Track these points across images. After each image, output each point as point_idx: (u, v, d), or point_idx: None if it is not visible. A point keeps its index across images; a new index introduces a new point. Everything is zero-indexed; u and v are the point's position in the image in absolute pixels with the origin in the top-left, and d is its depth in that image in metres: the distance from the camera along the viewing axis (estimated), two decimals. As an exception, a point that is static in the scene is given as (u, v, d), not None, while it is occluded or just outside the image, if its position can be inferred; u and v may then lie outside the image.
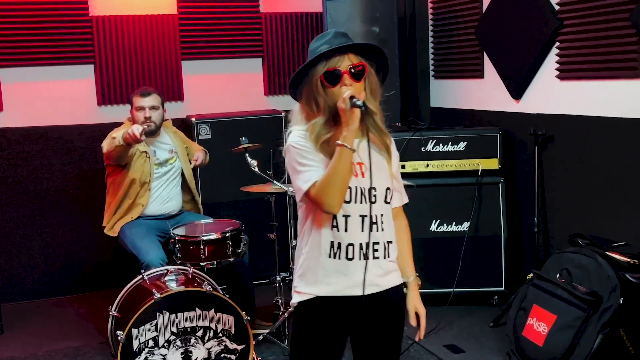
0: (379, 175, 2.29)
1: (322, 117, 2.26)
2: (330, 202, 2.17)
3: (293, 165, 2.27)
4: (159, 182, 4.33)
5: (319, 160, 2.24)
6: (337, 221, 2.27)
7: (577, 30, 4.08)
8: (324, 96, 2.24)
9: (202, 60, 5.52)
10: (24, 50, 5.00)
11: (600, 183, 4.03)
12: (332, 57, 2.24)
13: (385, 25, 5.19)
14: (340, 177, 2.16)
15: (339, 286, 2.29)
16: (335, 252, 2.28)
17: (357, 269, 2.28)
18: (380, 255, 2.33)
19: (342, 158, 2.15)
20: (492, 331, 4.27)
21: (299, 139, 2.27)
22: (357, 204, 2.27)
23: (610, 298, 3.38)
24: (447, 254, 4.61)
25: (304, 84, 2.30)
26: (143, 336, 3.35)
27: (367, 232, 2.28)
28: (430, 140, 4.66)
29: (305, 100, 2.31)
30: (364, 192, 2.28)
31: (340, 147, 2.15)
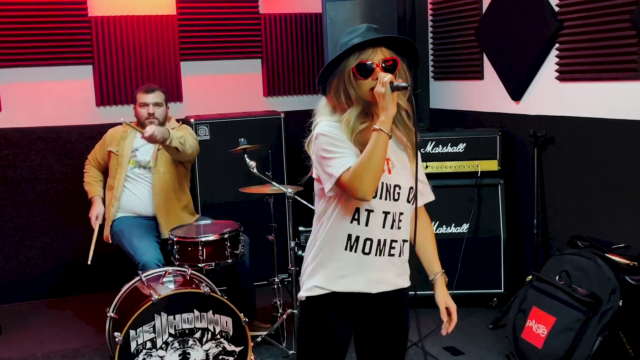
0: (404, 173, 2.30)
1: (355, 109, 2.24)
2: (365, 187, 2.13)
3: (322, 154, 2.23)
4: (138, 182, 4.32)
5: (351, 150, 2.21)
6: (359, 214, 2.26)
7: (577, 31, 4.07)
8: (356, 88, 2.23)
9: (201, 61, 5.52)
10: (23, 50, 4.99)
11: (600, 185, 4.02)
12: (365, 50, 2.23)
13: (385, 26, 5.17)
14: (376, 162, 2.13)
15: (353, 282, 2.29)
16: (353, 245, 2.27)
17: (372, 265, 2.29)
18: (396, 254, 2.35)
19: (379, 142, 2.12)
20: (492, 333, 4.26)
21: (330, 128, 2.25)
22: (381, 200, 2.26)
23: (609, 300, 3.37)
24: (447, 256, 4.56)
25: (334, 76, 2.28)
26: (141, 338, 3.34)
27: (388, 228, 2.29)
28: (430, 141, 4.65)
29: (334, 92, 2.29)
30: (388, 189, 2.27)
31: (377, 131, 2.13)
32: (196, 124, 5.05)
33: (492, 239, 4.59)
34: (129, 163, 4.31)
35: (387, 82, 2.14)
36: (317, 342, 2.36)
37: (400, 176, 2.29)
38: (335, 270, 2.30)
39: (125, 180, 4.30)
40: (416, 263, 2.60)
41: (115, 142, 4.36)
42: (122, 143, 4.33)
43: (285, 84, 5.73)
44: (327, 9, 5.09)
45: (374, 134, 2.13)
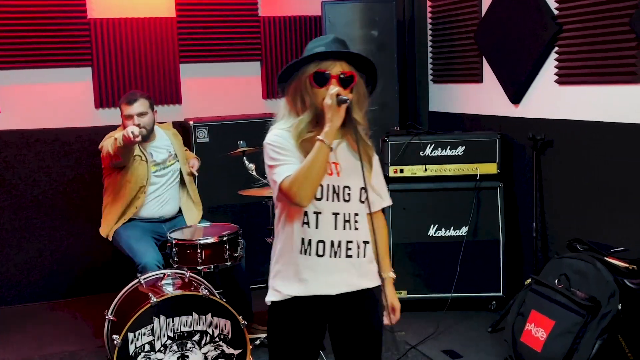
0: (355, 175, 2.33)
1: (307, 115, 2.31)
2: (302, 194, 2.21)
3: (268, 162, 2.33)
4: (156, 185, 4.31)
5: (295, 158, 2.28)
6: (308, 218, 2.31)
7: (577, 35, 4.07)
8: (310, 95, 2.30)
9: (201, 63, 5.51)
10: (22, 52, 4.99)
11: (599, 188, 4.02)
12: (325, 60, 2.30)
13: (384, 29, 5.19)
14: (314, 172, 2.20)
15: (312, 285, 2.33)
16: (306, 248, 2.32)
17: (328, 267, 2.32)
18: (354, 254, 2.36)
19: (320, 153, 2.20)
20: (491, 336, 4.25)
21: (275, 137, 2.32)
22: (328, 202, 2.31)
23: (609, 304, 3.37)
24: (445, 259, 4.60)
25: (292, 80, 2.35)
26: (139, 340, 3.33)
27: (340, 229, 2.33)
28: (429, 144, 4.64)
29: (291, 95, 2.36)
30: (336, 190, 2.32)
31: (319, 142, 2.20)
32: (195, 127, 5.04)
33: (491, 242, 4.58)
34: (152, 168, 4.29)
35: (334, 95, 2.21)
36: (286, 345, 2.40)
37: (350, 178, 2.34)
38: (293, 274, 2.34)
39: (150, 185, 4.28)
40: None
41: (136, 148, 4.20)
42: (141, 148, 4.24)
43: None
44: (327, 12, 5.10)
45: (316, 144, 2.20)
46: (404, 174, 4.65)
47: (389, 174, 4.65)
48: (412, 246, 4.63)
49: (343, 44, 2.39)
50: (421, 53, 5.58)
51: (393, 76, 5.25)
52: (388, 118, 5.23)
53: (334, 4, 5.14)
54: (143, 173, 4.24)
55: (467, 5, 5.03)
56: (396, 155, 4.64)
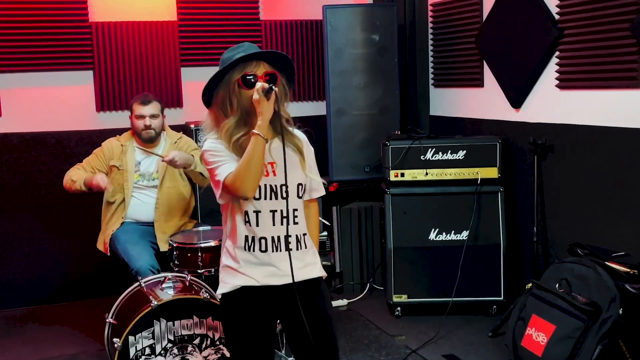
0: (291, 172, 2.49)
1: (233, 118, 2.49)
2: (245, 186, 2.38)
3: (209, 167, 2.49)
4: (143, 192, 4.33)
5: (230, 157, 2.46)
6: (249, 216, 2.49)
7: (577, 39, 4.08)
8: (239, 97, 2.48)
9: (202, 67, 5.52)
10: (23, 55, 5.00)
11: (599, 193, 4.02)
12: (249, 63, 2.48)
13: (385, 34, 5.19)
14: (253, 164, 2.37)
15: (257, 277, 2.50)
16: (250, 245, 2.50)
17: (272, 261, 2.49)
18: (294, 247, 2.53)
19: (256, 145, 2.37)
20: (491, 341, 4.25)
21: (210, 144, 2.50)
22: (267, 200, 2.49)
23: (609, 308, 3.36)
24: (446, 263, 4.60)
25: (219, 89, 2.52)
26: (140, 344, 3.33)
27: (278, 225, 2.50)
28: (430, 148, 4.65)
29: (220, 104, 2.52)
30: (274, 189, 2.49)
31: (254, 136, 2.37)
32: (196, 130, 5.05)
33: (492, 246, 4.58)
34: (134, 177, 4.30)
35: (260, 89, 2.39)
36: (240, 335, 2.53)
37: (289, 176, 2.47)
38: (239, 269, 2.51)
39: (132, 192, 4.30)
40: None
41: (116, 157, 4.30)
42: (124, 157, 4.29)
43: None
44: (328, 16, 5.11)
45: (252, 139, 2.38)
46: (405, 178, 4.65)
47: (389, 178, 4.65)
48: (413, 250, 4.63)
49: (257, 48, 2.55)
50: (422, 57, 5.58)
51: (394, 80, 5.26)
52: (389, 122, 5.24)
53: (335, 8, 5.14)
54: (121, 183, 4.27)
55: (468, 9, 5.03)
56: (397, 159, 4.64)
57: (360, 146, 5.24)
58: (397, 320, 4.62)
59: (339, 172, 5.24)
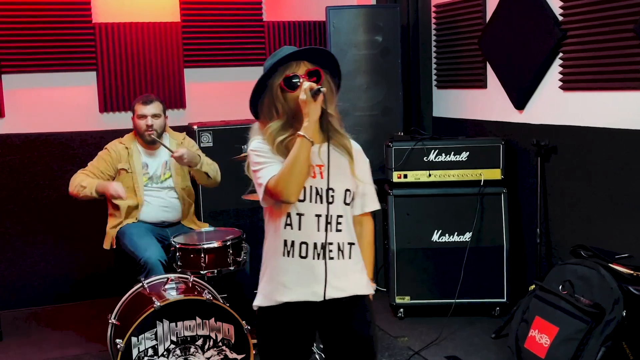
0: (338, 176, 2.36)
1: (277, 122, 2.37)
2: (289, 190, 2.25)
3: (252, 168, 2.38)
4: (153, 194, 4.31)
5: (276, 160, 2.33)
6: (290, 219, 2.35)
7: (581, 40, 4.07)
8: (283, 101, 2.35)
9: (205, 68, 5.53)
10: (27, 56, 5.00)
11: (603, 194, 4.01)
12: (289, 65, 2.36)
13: (388, 35, 5.19)
14: (298, 167, 2.24)
15: (297, 291, 2.34)
16: (289, 250, 2.35)
17: (314, 269, 2.33)
18: (335, 257, 2.36)
19: (302, 148, 2.24)
20: (494, 342, 4.24)
21: (256, 144, 2.39)
22: (311, 203, 2.34)
23: (613, 310, 3.35)
24: (449, 265, 4.59)
25: (264, 98, 2.40)
26: (142, 345, 3.33)
27: (323, 231, 2.34)
28: (433, 150, 4.64)
29: (266, 113, 2.40)
30: (319, 192, 2.35)
31: (300, 137, 2.25)
32: (199, 131, 5.05)
33: (495, 247, 4.58)
34: (143, 180, 4.30)
35: (307, 89, 2.26)
36: (273, 350, 2.42)
37: (335, 178, 2.34)
38: (277, 278, 2.37)
39: (143, 195, 4.29)
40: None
41: (124, 160, 4.27)
42: (131, 160, 4.28)
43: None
44: (331, 17, 5.11)
45: (297, 140, 2.25)
46: (408, 179, 4.65)
47: (392, 179, 4.65)
48: (416, 252, 4.63)
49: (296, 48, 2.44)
50: (425, 58, 5.58)
51: (397, 81, 5.26)
52: (392, 123, 5.24)
53: (338, 9, 5.14)
54: (130, 186, 4.25)
55: (471, 10, 5.03)
56: (400, 160, 4.63)
57: (363, 147, 5.16)
58: (399, 322, 4.62)
59: (341, 173, 5.23)
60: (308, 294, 2.34)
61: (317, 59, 2.39)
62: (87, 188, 4.11)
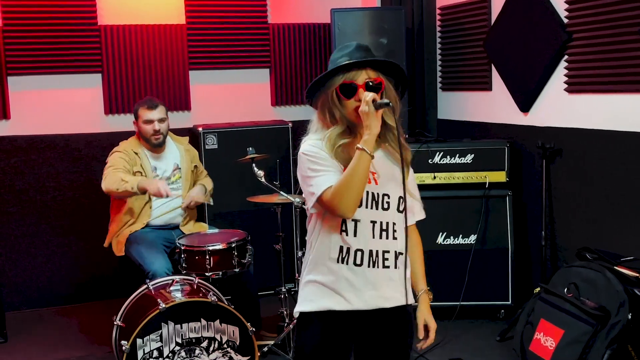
0: (392, 184, 2.30)
1: (338, 127, 2.27)
2: (346, 205, 2.17)
3: (304, 173, 2.28)
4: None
5: (333, 167, 2.24)
6: (346, 225, 2.26)
7: (586, 43, 4.07)
8: (339, 108, 2.26)
9: (210, 70, 5.53)
10: (32, 58, 5.01)
11: (608, 197, 4.01)
12: (350, 70, 2.25)
13: (393, 37, 5.19)
14: (357, 181, 2.16)
15: (348, 298, 2.28)
16: (344, 257, 2.27)
17: (367, 277, 2.27)
18: (391, 265, 2.31)
19: (361, 162, 2.15)
20: (499, 345, 4.24)
21: (311, 147, 2.28)
22: (367, 209, 2.27)
23: (618, 313, 3.35)
24: (454, 267, 4.59)
25: (320, 93, 2.31)
26: (148, 346, 3.33)
27: (378, 238, 2.27)
28: (438, 152, 4.64)
29: (320, 110, 2.33)
30: (375, 198, 2.28)
31: (359, 150, 2.15)
32: (204, 133, 5.06)
33: (500, 250, 4.57)
34: None
35: (370, 101, 2.16)
36: (312, 355, 2.35)
37: (388, 186, 2.30)
38: (329, 284, 2.29)
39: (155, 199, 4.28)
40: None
41: (137, 164, 4.24)
42: (144, 164, 4.26)
43: (293, 93, 5.73)
44: (336, 20, 5.10)
45: (357, 153, 2.16)
46: (413, 181, 4.64)
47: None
48: (421, 254, 4.61)
49: (367, 51, 2.33)
50: (430, 61, 5.58)
51: (402, 84, 5.25)
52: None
53: (343, 12, 5.14)
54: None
55: (476, 13, 5.03)
56: (405, 162, 4.62)
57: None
58: (404, 324, 4.61)
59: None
60: (360, 302, 2.28)
61: (382, 67, 2.30)
62: (129, 183, 3.95)
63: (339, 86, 2.24)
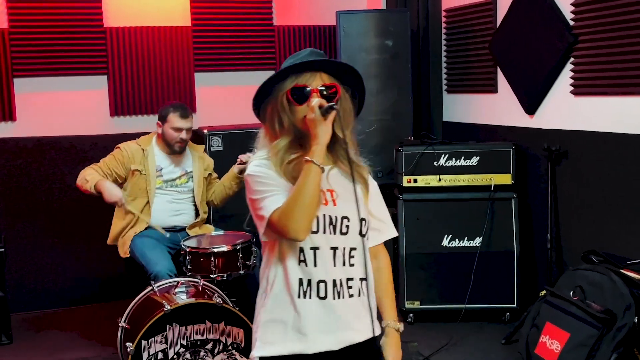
0: (352, 203, 2.06)
1: (284, 138, 2.07)
2: (296, 226, 1.94)
3: (252, 196, 2.06)
4: (164, 198, 4.31)
5: (281, 186, 2.02)
6: (304, 255, 2.02)
7: (592, 45, 4.06)
8: (289, 114, 2.05)
9: (215, 72, 5.54)
10: (38, 60, 5.03)
11: (614, 199, 3.99)
12: (302, 74, 2.05)
13: (399, 39, 5.19)
14: (307, 197, 1.94)
15: (313, 338, 2.02)
16: (305, 290, 2.02)
17: (334, 310, 2.03)
18: (355, 293, 2.07)
19: (310, 175, 1.94)
20: (504, 348, 4.22)
21: (257, 167, 2.06)
22: (326, 235, 2.03)
23: (624, 316, 3.34)
24: (459, 270, 4.58)
25: (268, 101, 2.10)
26: (152, 348, 3.34)
27: (340, 266, 2.04)
28: (443, 154, 4.63)
29: (268, 120, 2.11)
30: (333, 222, 2.04)
31: (307, 163, 1.95)
32: (209, 135, 5.06)
33: (505, 253, 4.56)
34: (157, 182, 4.30)
35: (316, 106, 1.97)
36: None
37: (348, 207, 2.06)
38: (292, 323, 2.04)
39: (155, 197, 4.28)
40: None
41: (138, 161, 4.24)
42: (146, 162, 4.25)
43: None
44: (341, 22, 5.11)
45: (305, 166, 1.95)
46: (418, 183, 4.64)
47: (402, 184, 4.64)
48: (426, 256, 4.62)
49: (321, 55, 2.12)
50: (435, 63, 5.57)
51: (407, 86, 5.25)
52: (402, 128, 5.23)
53: (348, 14, 5.15)
54: (143, 187, 4.25)
55: (482, 15, 5.02)
56: (410, 165, 4.63)
57: (373, 152, 5.22)
58: (409, 327, 4.60)
59: (351, 178, 5.22)
60: (330, 341, 2.04)
61: (337, 72, 2.10)
62: (89, 182, 4.04)
63: (290, 90, 2.04)
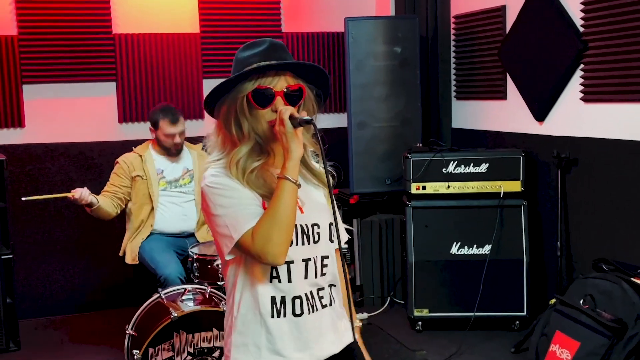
0: (319, 209, 1.97)
1: (245, 145, 1.89)
2: (276, 250, 1.79)
3: (213, 211, 1.87)
4: (169, 200, 4.31)
5: (247, 198, 1.86)
6: (277, 271, 1.87)
7: (602, 52, 4.03)
8: (249, 119, 1.88)
9: (224, 79, 5.53)
10: (47, 66, 5.05)
11: (624, 207, 3.96)
12: (266, 74, 1.88)
13: (408, 46, 5.18)
14: (284, 218, 1.79)
15: (287, 357, 1.90)
16: (279, 309, 1.88)
17: (310, 328, 1.91)
18: (327, 303, 1.96)
19: (286, 194, 1.79)
20: (514, 357, 4.19)
21: (215, 178, 1.88)
22: (299, 246, 1.90)
23: (635, 326, 3.31)
24: (468, 277, 4.55)
25: (224, 101, 1.92)
26: (159, 355, 3.33)
27: (311, 278, 1.91)
28: (452, 161, 4.61)
29: (223, 121, 1.92)
30: (306, 231, 1.91)
31: (282, 180, 1.80)
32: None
33: (515, 261, 4.53)
34: (159, 185, 4.30)
35: (287, 119, 1.81)
36: None
37: (315, 214, 1.95)
38: (268, 346, 1.89)
39: (160, 200, 4.29)
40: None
41: (138, 168, 4.27)
42: (145, 167, 4.28)
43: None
44: (350, 28, 5.10)
45: (279, 184, 1.80)
46: (426, 190, 4.62)
47: (411, 191, 4.62)
48: (435, 264, 4.59)
49: (283, 51, 1.93)
50: (444, 69, 5.55)
51: (416, 92, 5.24)
52: (410, 134, 5.22)
53: (357, 20, 5.14)
54: (145, 192, 4.25)
55: (491, 22, 5.00)
56: (418, 171, 4.60)
57: (382, 159, 5.22)
58: (418, 335, 4.58)
59: (359, 185, 5.22)
60: (308, 358, 1.92)
61: (302, 71, 1.94)
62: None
63: (252, 92, 1.87)
